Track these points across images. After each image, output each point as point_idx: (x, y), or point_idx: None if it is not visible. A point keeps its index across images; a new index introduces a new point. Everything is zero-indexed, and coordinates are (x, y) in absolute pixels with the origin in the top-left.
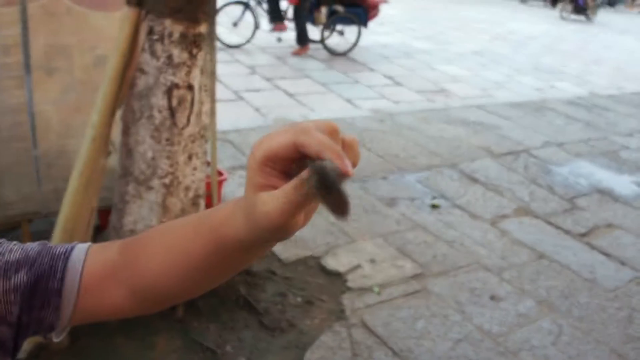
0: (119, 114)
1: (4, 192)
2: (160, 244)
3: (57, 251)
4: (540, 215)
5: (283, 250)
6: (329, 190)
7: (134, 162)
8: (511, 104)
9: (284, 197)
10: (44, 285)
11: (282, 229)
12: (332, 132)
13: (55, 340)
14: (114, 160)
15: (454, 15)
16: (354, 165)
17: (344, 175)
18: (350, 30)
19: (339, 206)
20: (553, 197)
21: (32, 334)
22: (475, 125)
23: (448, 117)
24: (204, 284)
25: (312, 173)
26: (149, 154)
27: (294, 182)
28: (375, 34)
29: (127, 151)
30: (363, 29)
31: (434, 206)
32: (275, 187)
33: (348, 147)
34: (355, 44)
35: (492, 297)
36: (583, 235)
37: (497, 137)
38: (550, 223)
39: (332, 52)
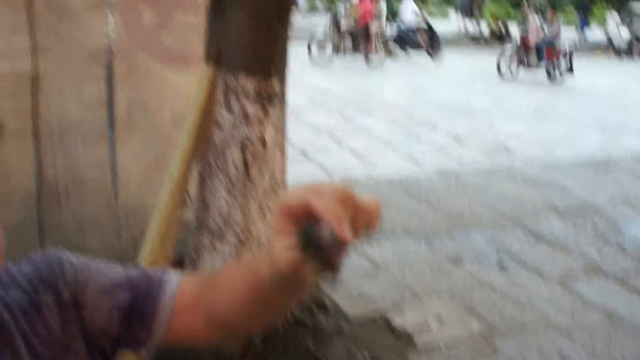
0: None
1: (88, 242)
2: (226, 279)
3: (154, 277)
4: (611, 275)
5: (350, 305)
6: (315, 254)
7: (209, 215)
8: (575, 161)
9: (291, 251)
10: (140, 307)
11: (291, 277)
12: (345, 197)
13: (145, 356)
14: (188, 213)
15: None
16: (371, 225)
17: (341, 241)
18: None
19: (326, 267)
20: (624, 257)
21: (126, 347)
22: (539, 183)
23: (511, 175)
24: (261, 316)
25: (299, 236)
26: (224, 208)
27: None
28: (436, 91)
29: (203, 204)
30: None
31: (500, 265)
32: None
33: (363, 212)
34: None
35: (563, 359)
36: None
37: (562, 195)
38: (622, 283)
39: None
